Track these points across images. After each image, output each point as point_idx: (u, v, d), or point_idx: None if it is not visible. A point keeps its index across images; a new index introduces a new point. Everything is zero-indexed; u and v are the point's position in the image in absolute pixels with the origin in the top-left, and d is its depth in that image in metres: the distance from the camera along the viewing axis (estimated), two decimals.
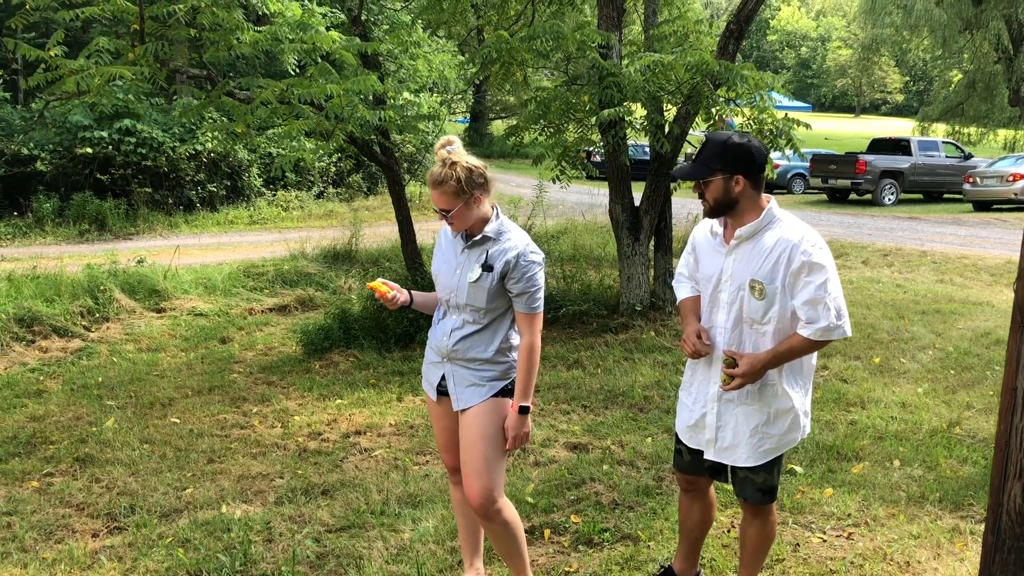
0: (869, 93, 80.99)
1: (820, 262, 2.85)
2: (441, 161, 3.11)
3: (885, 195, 22.77)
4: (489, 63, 8.28)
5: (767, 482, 3.07)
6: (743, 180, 2.92)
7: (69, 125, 16.38)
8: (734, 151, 2.92)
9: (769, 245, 2.92)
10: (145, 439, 5.66)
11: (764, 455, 3.02)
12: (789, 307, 2.91)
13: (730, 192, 2.93)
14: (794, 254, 2.86)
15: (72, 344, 8.37)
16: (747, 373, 2.91)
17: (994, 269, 12.16)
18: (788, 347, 2.90)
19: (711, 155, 2.95)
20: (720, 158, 2.93)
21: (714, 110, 7.70)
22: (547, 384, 6.63)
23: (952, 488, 4.56)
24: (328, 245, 12.43)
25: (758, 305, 2.93)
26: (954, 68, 39.27)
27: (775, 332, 2.94)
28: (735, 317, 3.00)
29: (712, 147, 2.97)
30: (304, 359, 7.67)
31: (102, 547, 4.11)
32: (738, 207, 2.96)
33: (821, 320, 2.84)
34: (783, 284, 2.90)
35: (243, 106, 7.02)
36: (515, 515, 3.30)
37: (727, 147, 2.93)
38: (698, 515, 3.37)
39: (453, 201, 3.10)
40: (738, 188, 2.93)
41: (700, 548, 3.49)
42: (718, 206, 2.98)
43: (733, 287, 2.99)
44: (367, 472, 4.99)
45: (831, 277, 2.86)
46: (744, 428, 3.02)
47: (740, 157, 2.92)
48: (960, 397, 6.23)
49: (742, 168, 2.92)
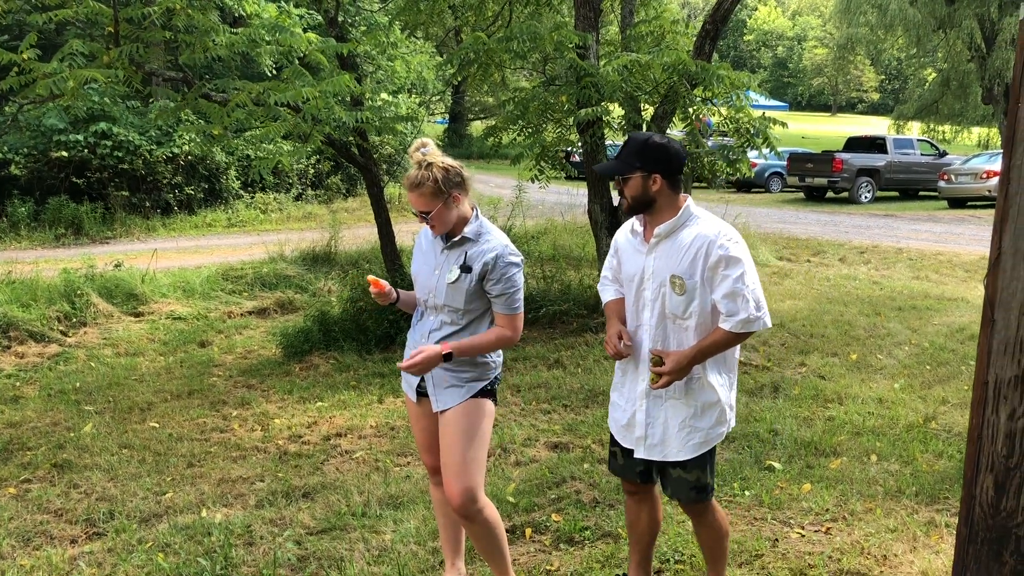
0: (845, 92, 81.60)
1: (736, 255, 2.92)
2: (417, 163, 3.12)
3: (862, 193, 22.97)
4: (467, 64, 8.29)
5: (700, 480, 3.09)
6: (660, 179, 2.99)
7: (44, 128, 16.21)
8: (654, 151, 2.99)
9: (687, 241, 2.98)
10: (124, 444, 5.62)
11: (694, 449, 3.06)
12: (709, 301, 2.98)
13: (648, 190, 3.00)
14: (711, 249, 2.93)
15: (49, 349, 8.29)
16: (674, 370, 2.96)
17: (968, 265, 12.30)
18: (712, 341, 2.96)
19: (631, 153, 3.02)
20: (640, 156, 3.00)
21: (691, 110, 7.75)
22: (528, 384, 6.64)
23: (928, 482, 4.62)
24: (307, 247, 12.39)
25: (679, 300, 3.00)
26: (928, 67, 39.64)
27: (697, 327, 3.00)
28: (658, 314, 3.06)
29: (633, 146, 3.04)
30: (284, 362, 7.64)
31: (81, 553, 4.09)
32: (655, 205, 3.03)
33: (741, 312, 2.91)
34: (702, 278, 2.96)
35: (219, 108, 6.99)
36: (496, 515, 3.30)
37: (647, 147, 3.00)
38: (646, 518, 3.38)
39: (432, 202, 3.12)
40: (655, 187, 2.99)
41: (652, 554, 3.50)
42: (636, 203, 3.05)
43: (655, 284, 3.05)
44: (348, 474, 4.99)
45: (747, 270, 2.94)
46: (673, 423, 3.06)
47: (659, 157, 2.99)
48: (936, 392, 6.30)
49: (660, 167, 2.98)
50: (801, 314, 8.79)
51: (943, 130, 37.04)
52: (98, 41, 6.33)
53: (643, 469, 3.21)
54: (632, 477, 3.27)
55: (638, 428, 3.13)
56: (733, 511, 4.29)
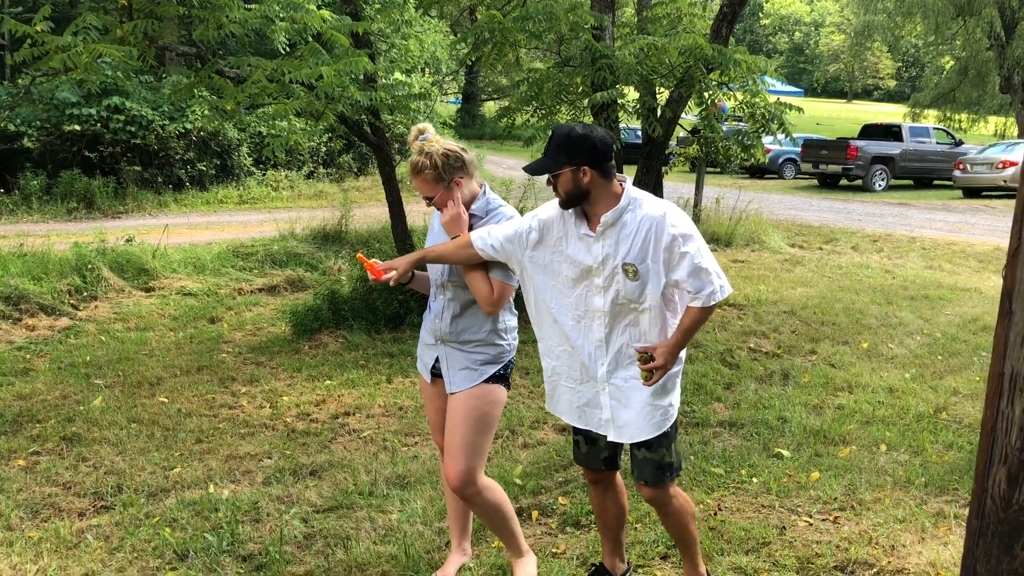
0: (861, 79, 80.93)
1: (687, 231, 2.93)
2: (417, 150, 3.13)
3: (876, 181, 22.82)
4: (481, 43, 8.23)
5: (665, 458, 3.08)
6: (589, 171, 2.94)
7: (56, 102, 16.22)
8: (577, 143, 2.94)
9: (634, 227, 2.96)
10: (133, 418, 5.64)
11: (655, 427, 3.04)
12: (662, 284, 2.95)
13: (579, 183, 2.95)
14: (661, 229, 2.92)
15: (60, 323, 8.32)
16: (666, 363, 2.94)
17: (982, 256, 12.22)
18: (689, 323, 2.96)
19: (556, 149, 2.97)
20: (565, 151, 2.95)
21: (707, 94, 7.68)
22: (537, 367, 6.59)
23: (937, 473, 4.59)
24: (318, 226, 12.37)
25: (633, 287, 2.97)
26: (946, 55, 39.28)
27: (652, 309, 2.98)
28: (611, 300, 3.01)
29: (557, 141, 2.98)
30: (293, 340, 7.64)
31: (88, 526, 4.10)
32: (591, 196, 2.99)
33: (707, 286, 2.91)
34: (656, 261, 2.94)
35: (233, 85, 6.96)
36: (498, 495, 3.31)
37: (570, 140, 2.95)
38: (612, 505, 3.36)
39: (434, 188, 3.15)
40: (586, 179, 2.94)
41: (623, 539, 3.48)
42: (570, 197, 2.99)
43: (607, 272, 3.00)
44: (355, 453, 4.99)
45: (700, 243, 2.94)
46: (636, 402, 3.04)
47: (583, 149, 2.93)
48: (947, 383, 6.26)
49: (586, 159, 2.93)
50: (812, 302, 8.75)
51: (959, 119, 36.78)
52: (112, 15, 6.29)
53: (608, 455, 3.21)
54: (597, 465, 3.25)
55: (604, 410, 3.10)
56: (741, 498, 4.28)
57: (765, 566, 3.62)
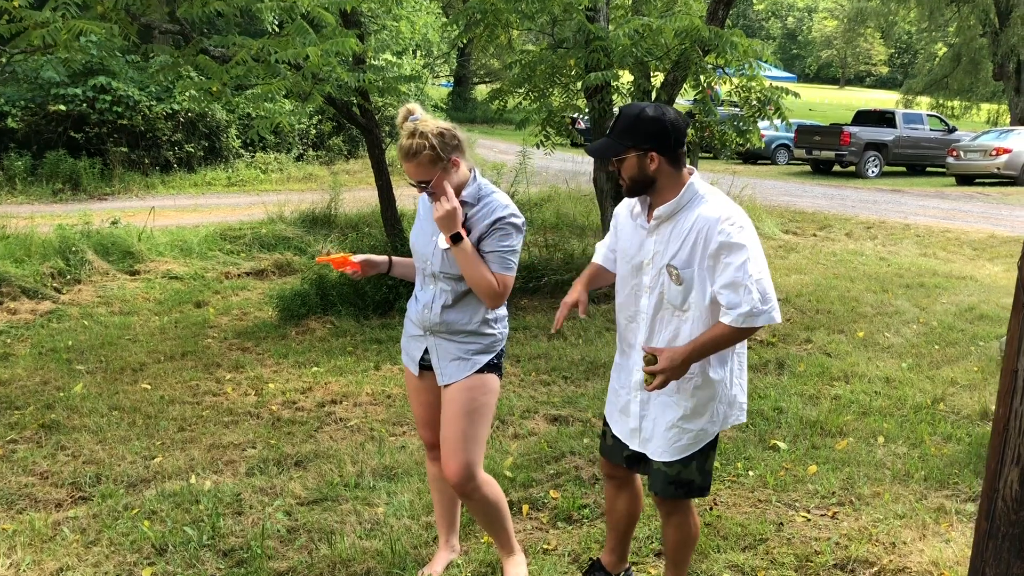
0: (854, 65, 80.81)
1: (739, 242, 2.64)
2: (408, 132, 2.92)
3: (869, 167, 22.73)
4: (473, 24, 8.07)
5: (681, 475, 2.85)
6: (657, 157, 2.70)
7: (41, 81, 15.95)
8: (647, 126, 2.69)
9: (687, 226, 2.72)
10: (114, 405, 5.51)
11: (679, 451, 2.83)
12: (709, 293, 2.72)
13: (645, 169, 2.72)
14: (711, 234, 2.66)
15: (42, 306, 8.15)
16: (667, 368, 2.69)
17: (977, 243, 12.14)
18: (711, 337, 2.69)
19: (623, 131, 2.73)
20: (632, 134, 2.71)
21: (703, 77, 7.54)
22: (528, 354, 6.52)
23: (937, 466, 4.50)
24: (307, 209, 12.21)
25: (677, 291, 2.76)
26: (939, 41, 39.15)
27: (695, 320, 2.75)
28: (655, 303, 2.82)
29: (624, 122, 2.74)
30: (280, 325, 7.50)
31: (65, 518, 3.98)
32: (656, 185, 2.75)
33: (743, 304, 2.62)
34: (701, 267, 2.70)
35: (218, 65, 6.79)
36: (495, 491, 3.20)
37: (640, 121, 2.70)
38: (623, 506, 3.19)
39: (430, 171, 2.94)
40: (653, 165, 2.71)
41: (629, 541, 3.31)
42: (635, 185, 2.77)
43: (654, 271, 2.81)
44: (342, 443, 4.87)
45: (752, 257, 2.64)
46: (662, 422, 2.85)
47: (654, 132, 2.69)
48: (944, 373, 6.17)
49: (655, 144, 2.69)
50: (807, 289, 8.65)
51: (952, 105, 36.73)
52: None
53: (631, 455, 3.01)
54: (618, 460, 3.06)
55: (632, 419, 2.94)
56: (737, 492, 4.18)
57: (763, 564, 3.51)
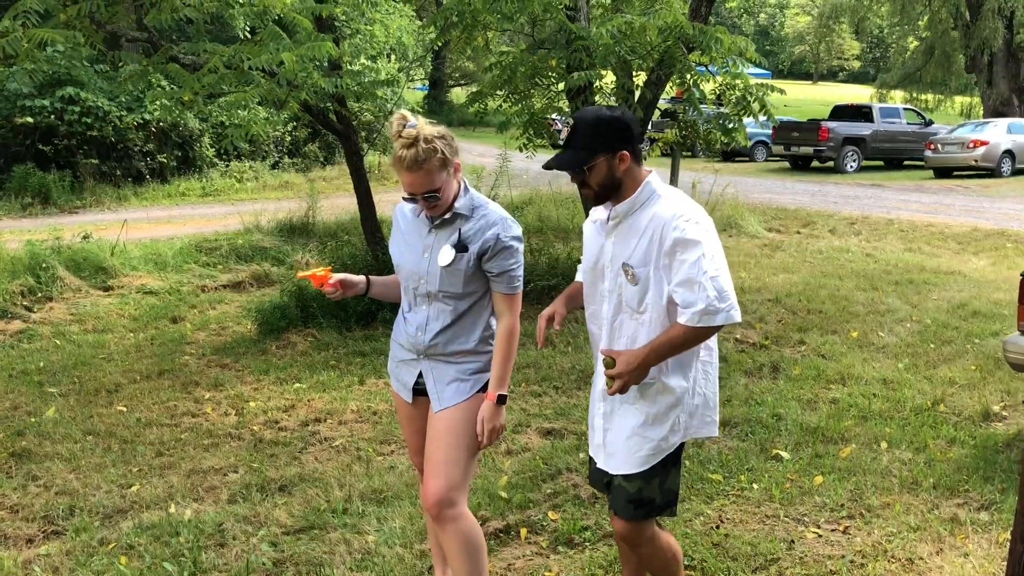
0: (826, 60, 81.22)
1: (694, 238, 2.51)
2: (410, 140, 2.67)
3: (847, 162, 22.73)
4: (450, 27, 7.89)
5: (642, 492, 2.67)
6: (627, 155, 2.60)
7: (7, 93, 15.59)
8: (611, 126, 2.59)
9: (643, 224, 2.61)
10: (88, 430, 5.28)
11: (640, 461, 2.66)
12: (666, 293, 2.59)
13: (615, 171, 2.61)
14: (665, 232, 2.55)
15: (12, 326, 7.89)
16: (624, 372, 2.56)
17: (960, 237, 12.08)
18: (667, 339, 2.55)
19: (589, 137, 2.60)
20: (597, 138, 2.59)
21: (688, 75, 7.38)
22: (517, 364, 6.27)
23: (944, 472, 4.36)
24: (284, 218, 11.98)
25: (633, 292, 2.63)
26: (911, 35, 39.31)
27: (652, 322, 2.62)
28: (615, 305, 2.69)
29: (586, 129, 2.61)
30: (260, 339, 7.28)
31: (36, 556, 3.76)
32: (622, 186, 2.65)
33: (698, 302, 2.48)
34: (657, 266, 2.58)
35: (189, 74, 6.57)
36: (474, 530, 2.90)
37: (602, 124, 2.60)
38: None
39: (439, 178, 2.72)
40: (624, 166, 2.60)
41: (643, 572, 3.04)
42: (604, 190, 2.64)
43: (612, 273, 2.68)
44: (328, 464, 4.67)
45: (708, 253, 2.51)
46: (623, 430, 2.69)
47: (619, 130, 2.59)
48: (942, 372, 6.04)
49: (624, 143, 2.59)
50: (796, 288, 8.52)
51: (926, 99, 36.89)
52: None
53: (609, 480, 2.80)
54: (602, 489, 2.88)
55: (597, 433, 2.78)
56: (742, 507, 4.01)
57: None
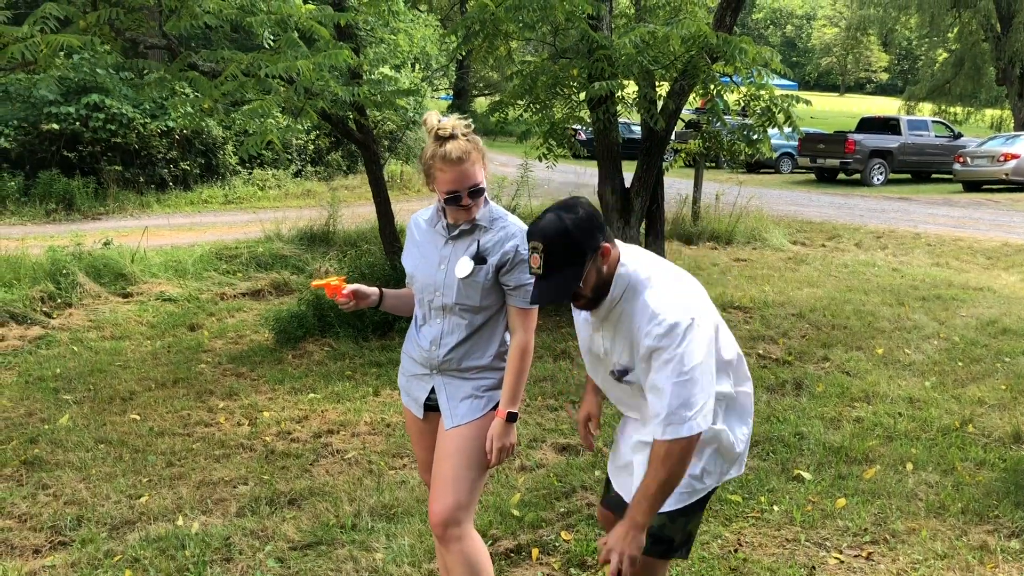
0: (854, 72, 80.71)
1: (663, 345, 2.31)
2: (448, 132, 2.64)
3: (874, 175, 22.48)
4: (472, 36, 7.82)
5: (664, 530, 2.54)
6: (608, 247, 2.42)
7: (34, 99, 15.73)
8: (580, 227, 2.36)
9: (624, 326, 2.44)
10: (101, 438, 5.23)
11: (674, 500, 2.50)
12: None
13: (602, 269, 2.42)
14: (639, 338, 2.37)
15: (31, 332, 7.88)
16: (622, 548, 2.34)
17: (990, 252, 11.86)
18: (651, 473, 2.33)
19: (566, 255, 2.36)
20: (574, 248, 2.36)
21: (712, 86, 7.26)
22: (533, 377, 6.24)
23: (973, 496, 4.21)
24: (305, 226, 11.95)
25: (629, 390, 2.53)
26: (940, 47, 38.95)
27: None
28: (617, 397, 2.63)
29: (558, 247, 2.35)
30: (276, 348, 7.23)
31: (41, 567, 3.70)
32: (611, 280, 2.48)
33: (661, 412, 2.30)
34: (642, 369, 2.42)
35: (207, 81, 6.54)
36: (479, 552, 2.79)
37: (572, 233, 2.35)
38: None
39: (480, 171, 2.70)
40: (607, 259, 2.42)
41: None
42: (597, 293, 2.45)
43: (607, 367, 2.57)
44: (339, 478, 4.59)
45: (679, 356, 2.29)
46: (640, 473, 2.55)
47: (589, 229, 2.38)
48: (971, 392, 5.88)
49: (598, 235, 2.40)
50: (820, 303, 8.36)
51: (955, 111, 36.52)
52: (75, 4, 5.87)
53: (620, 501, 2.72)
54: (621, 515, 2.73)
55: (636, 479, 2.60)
56: (763, 530, 3.89)
57: None
